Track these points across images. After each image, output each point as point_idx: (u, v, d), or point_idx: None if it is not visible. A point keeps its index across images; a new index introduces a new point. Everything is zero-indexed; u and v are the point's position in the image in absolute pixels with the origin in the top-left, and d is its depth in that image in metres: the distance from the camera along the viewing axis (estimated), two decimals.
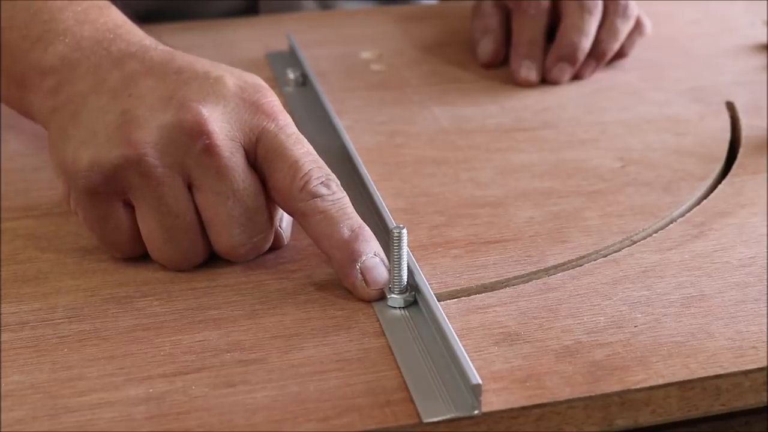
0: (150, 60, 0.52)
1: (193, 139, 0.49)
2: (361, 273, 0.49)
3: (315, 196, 0.50)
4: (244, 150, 0.50)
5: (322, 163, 0.51)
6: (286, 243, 0.54)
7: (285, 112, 0.52)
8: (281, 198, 0.51)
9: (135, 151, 0.48)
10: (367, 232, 0.50)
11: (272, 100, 0.52)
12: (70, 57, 0.53)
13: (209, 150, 0.49)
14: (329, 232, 0.49)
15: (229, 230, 0.50)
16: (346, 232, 0.49)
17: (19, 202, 0.58)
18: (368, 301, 0.49)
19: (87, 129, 0.50)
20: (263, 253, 0.53)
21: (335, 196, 0.50)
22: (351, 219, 0.50)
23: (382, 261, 0.49)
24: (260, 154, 0.50)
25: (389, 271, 0.49)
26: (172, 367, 0.45)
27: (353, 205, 0.51)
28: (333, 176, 0.51)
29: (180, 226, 0.50)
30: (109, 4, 0.57)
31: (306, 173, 0.50)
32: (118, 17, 0.56)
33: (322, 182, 0.50)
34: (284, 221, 0.53)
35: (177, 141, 0.49)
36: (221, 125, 0.50)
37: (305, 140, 0.52)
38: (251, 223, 0.51)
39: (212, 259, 0.52)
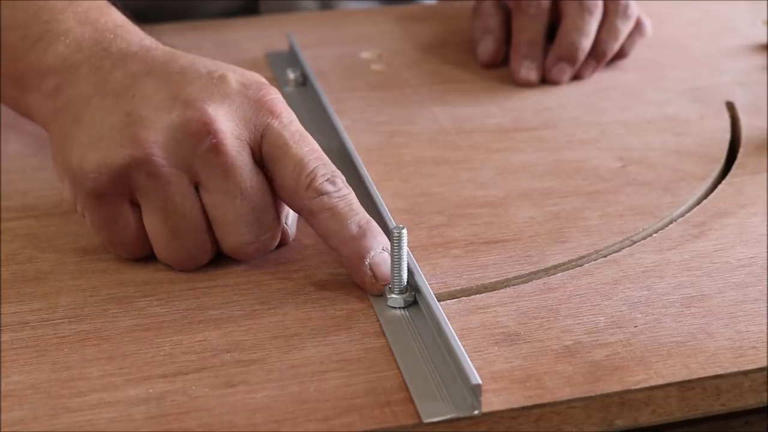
0: (152, 60, 0.52)
1: (199, 139, 0.49)
2: (371, 269, 0.49)
3: (321, 193, 0.50)
4: (250, 148, 0.50)
5: (326, 159, 0.51)
6: (291, 240, 0.54)
7: (288, 108, 0.52)
8: (287, 196, 0.51)
9: (142, 151, 0.48)
10: (375, 227, 0.50)
11: (276, 97, 0.52)
12: (71, 58, 0.52)
13: (216, 149, 0.49)
14: (337, 229, 0.50)
15: (237, 229, 0.50)
16: (354, 229, 0.49)
17: (19, 202, 0.58)
18: (378, 295, 0.49)
19: (92, 131, 0.50)
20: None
21: (341, 192, 0.50)
22: (358, 215, 0.50)
23: None
24: (265, 152, 0.50)
25: (390, 270, 0.49)
26: (172, 367, 0.45)
27: None
28: (338, 172, 0.51)
29: (186, 226, 0.50)
30: (108, 4, 0.57)
31: (311, 171, 0.50)
32: (118, 17, 0.56)
33: (327, 179, 0.50)
34: (290, 218, 0.53)
35: (183, 141, 0.49)
36: (227, 124, 0.49)
37: (309, 136, 0.51)
38: (258, 221, 0.51)
39: (213, 259, 0.52)
